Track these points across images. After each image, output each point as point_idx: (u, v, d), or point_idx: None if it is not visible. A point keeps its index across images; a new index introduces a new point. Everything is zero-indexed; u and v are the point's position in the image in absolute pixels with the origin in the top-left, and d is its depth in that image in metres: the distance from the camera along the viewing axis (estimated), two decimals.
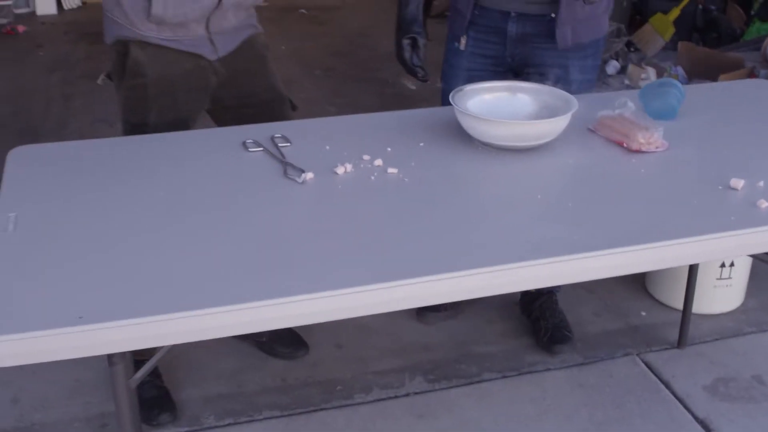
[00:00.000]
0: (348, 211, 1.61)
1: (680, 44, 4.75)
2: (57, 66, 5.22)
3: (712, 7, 5.33)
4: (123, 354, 1.36)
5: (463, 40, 2.41)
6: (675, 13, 5.18)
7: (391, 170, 1.76)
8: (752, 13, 5.13)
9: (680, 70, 4.44)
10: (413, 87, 1.79)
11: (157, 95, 2.18)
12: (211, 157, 1.84)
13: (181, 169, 1.78)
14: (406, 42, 2.31)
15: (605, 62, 4.83)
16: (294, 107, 2.41)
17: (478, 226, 1.55)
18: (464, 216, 1.58)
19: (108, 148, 1.91)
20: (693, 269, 2.63)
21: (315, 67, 5.26)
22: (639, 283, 3.03)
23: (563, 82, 2.23)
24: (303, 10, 6.34)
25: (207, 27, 2.19)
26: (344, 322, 1.73)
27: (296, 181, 1.71)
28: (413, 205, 1.62)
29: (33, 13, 6.12)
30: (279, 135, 1.92)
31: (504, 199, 1.67)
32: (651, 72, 4.47)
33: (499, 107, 1.96)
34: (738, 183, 1.68)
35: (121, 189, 1.68)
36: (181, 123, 2.19)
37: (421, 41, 2.31)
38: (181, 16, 2.13)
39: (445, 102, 2.10)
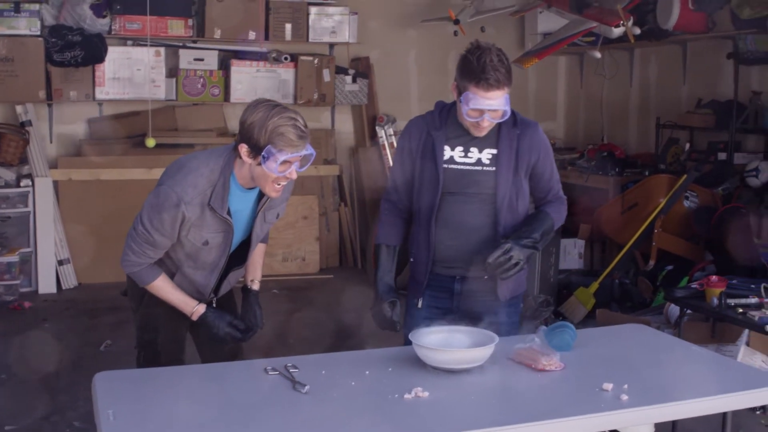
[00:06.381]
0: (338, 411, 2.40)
1: (598, 311, 5.71)
2: (61, 336, 5.94)
3: (626, 281, 6.35)
4: None
5: (420, 301, 3.21)
6: (594, 286, 6.18)
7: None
8: (658, 284, 6.15)
9: None
10: None
11: (167, 320, 3.04)
12: (244, 377, 2.63)
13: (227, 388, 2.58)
14: (387, 306, 3.10)
15: (536, 328, 5.70)
16: None
17: (437, 414, 2.36)
18: (424, 409, 2.38)
19: (169, 374, 2.68)
20: None
21: (289, 336, 6.06)
22: None
23: (497, 325, 3.02)
24: (276, 290, 7.24)
25: (215, 291, 3.12)
26: None
27: (300, 392, 2.49)
28: (382, 404, 2.41)
29: (35, 292, 6.92)
30: (290, 364, 2.68)
31: (452, 400, 2.46)
32: None
33: (444, 343, 2.76)
34: (608, 386, 2.49)
35: (184, 402, 2.46)
36: (180, 339, 3.12)
37: (398, 304, 3.13)
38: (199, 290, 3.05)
39: (407, 343, 2.87)
